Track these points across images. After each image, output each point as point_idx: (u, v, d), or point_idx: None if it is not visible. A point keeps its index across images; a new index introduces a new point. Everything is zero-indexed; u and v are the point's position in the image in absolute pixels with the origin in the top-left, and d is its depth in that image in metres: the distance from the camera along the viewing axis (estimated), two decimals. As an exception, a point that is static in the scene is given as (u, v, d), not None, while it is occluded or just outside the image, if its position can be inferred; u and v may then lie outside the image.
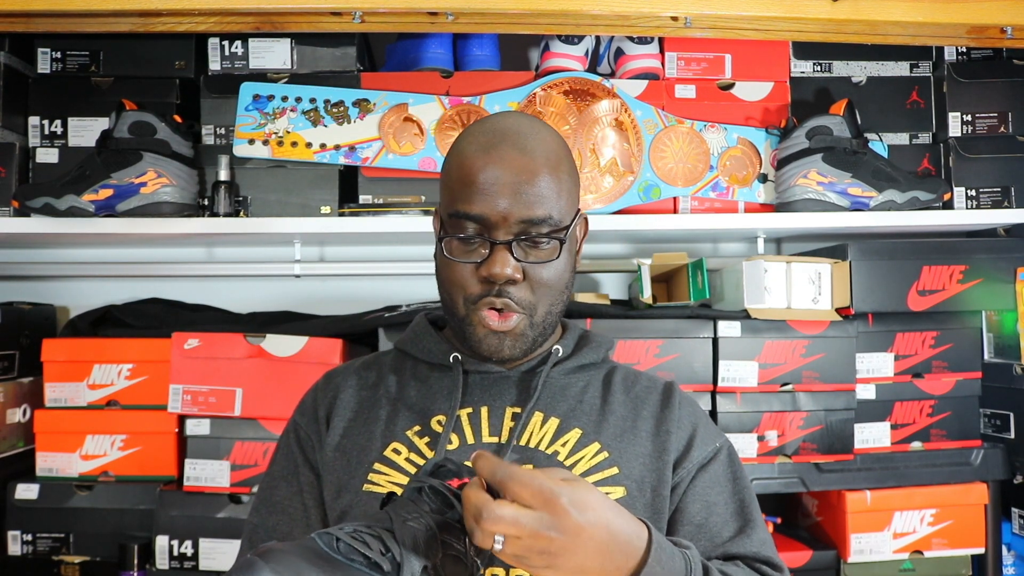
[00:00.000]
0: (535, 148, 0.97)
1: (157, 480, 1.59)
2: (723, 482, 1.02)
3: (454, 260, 0.96)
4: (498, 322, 0.96)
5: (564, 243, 0.97)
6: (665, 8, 1.42)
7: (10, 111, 1.64)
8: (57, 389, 1.60)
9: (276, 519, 0.99)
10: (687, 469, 1.01)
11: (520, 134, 0.97)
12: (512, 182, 0.94)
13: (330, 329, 1.62)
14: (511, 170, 0.94)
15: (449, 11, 1.40)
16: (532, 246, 0.96)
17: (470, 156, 0.97)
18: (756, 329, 1.56)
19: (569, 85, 1.67)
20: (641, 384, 1.07)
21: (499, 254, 0.94)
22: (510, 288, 0.95)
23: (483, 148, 0.96)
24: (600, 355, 1.08)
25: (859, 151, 1.62)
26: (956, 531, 1.60)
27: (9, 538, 1.57)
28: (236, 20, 1.44)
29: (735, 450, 1.07)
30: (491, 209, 0.94)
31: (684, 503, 1.00)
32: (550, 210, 0.95)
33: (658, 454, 1.00)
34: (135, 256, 1.91)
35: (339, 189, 1.65)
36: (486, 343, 0.97)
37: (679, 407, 1.05)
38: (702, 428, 1.05)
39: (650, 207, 1.68)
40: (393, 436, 0.99)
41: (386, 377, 1.06)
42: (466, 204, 0.95)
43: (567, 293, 1.01)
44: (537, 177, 0.95)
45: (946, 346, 1.62)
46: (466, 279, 0.96)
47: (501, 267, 0.93)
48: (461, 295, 0.97)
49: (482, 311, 0.96)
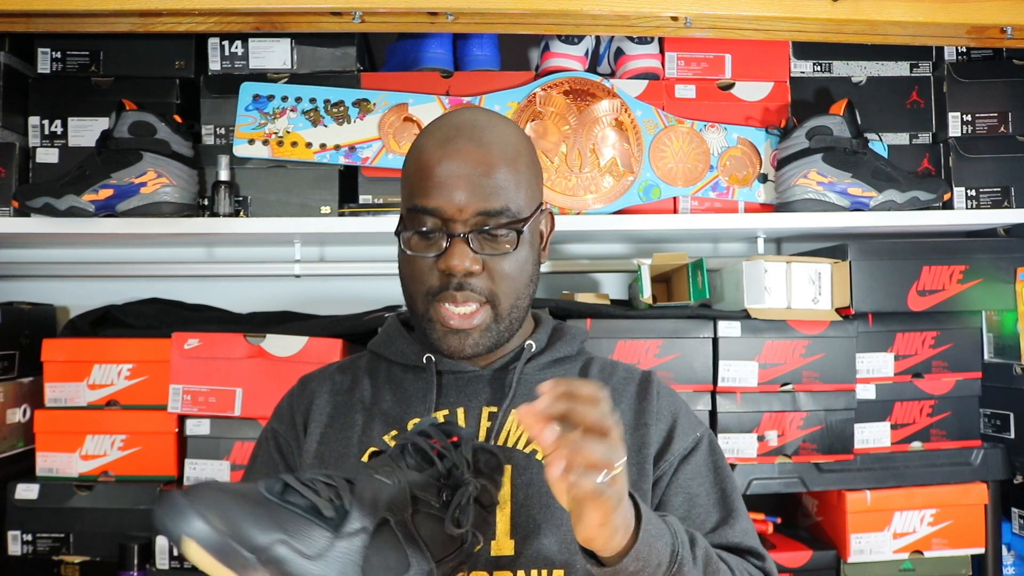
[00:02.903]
0: (492, 141, 0.97)
1: (157, 480, 1.59)
2: (704, 472, 1.02)
3: (413, 255, 0.96)
4: (458, 320, 0.95)
5: (522, 234, 0.96)
6: (665, 8, 1.42)
7: (10, 111, 1.64)
8: (57, 389, 1.60)
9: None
10: (669, 462, 1.00)
11: (477, 127, 0.98)
12: (468, 174, 0.94)
13: (330, 329, 1.62)
14: (467, 163, 0.95)
15: (449, 11, 1.40)
16: (490, 239, 0.95)
17: (427, 151, 0.97)
18: (756, 329, 1.56)
19: (569, 85, 1.67)
20: (618, 375, 1.06)
21: (457, 246, 0.94)
22: (470, 280, 0.94)
23: (439, 143, 0.97)
24: (575, 347, 1.07)
25: (859, 151, 1.62)
26: (956, 531, 1.59)
27: (9, 538, 1.56)
28: (236, 20, 1.43)
29: (715, 438, 1.07)
30: (447, 202, 0.94)
31: (667, 496, 0.99)
32: (507, 202, 0.95)
33: (637, 448, 1.00)
34: (135, 256, 1.91)
35: (339, 189, 1.65)
36: (446, 342, 0.96)
37: (657, 398, 1.04)
38: (682, 418, 1.04)
39: (650, 207, 1.68)
40: (371, 441, 0.98)
41: (361, 381, 1.05)
42: (423, 198, 0.95)
43: (532, 287, 1.01)
44: (493, 169, 0.95)
45: (946, 346, 1.62)
46: (425, 273, 0.96)
47: (459, 260, 0.93)
48: (421, 291, 0.96)
49: (441, 308, 0.95)
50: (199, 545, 0.66)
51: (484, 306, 0.96)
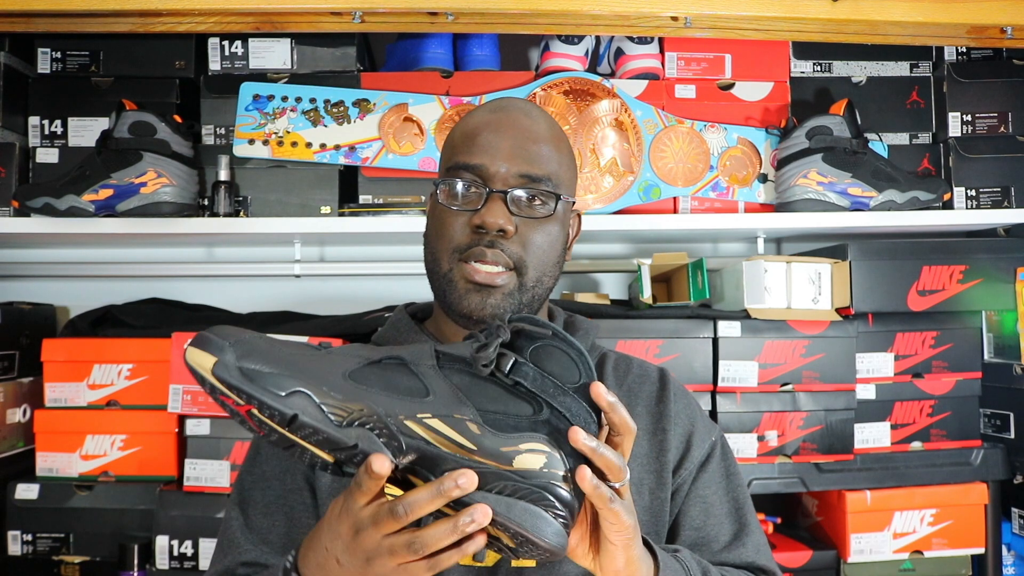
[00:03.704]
0: (540, 119, 0.98)
1: (157, 480, 1.59)
2: (718, 480, 1.02)
3: (447, 207, 0.94)
4: (484, 276, 0.92)
5: (559, 205, 0.95)
6: (665, 8, 1.42)
7: (10, 111, 1.64)
8: (57, 389, 1.60)
9: (271, 520, 0.97)
10: (688, 470, 1.00)
11: (527, 106, 0.99)
12: (515, 138, 0.94)
13: (330, 329, 1.62)
14: (516, 129, 0.95)
15: (449, 11, 1.40)
16: (528, 203, 0.94)
17: (475, 117, 0.98)
18: (756, 329, 1.56)
19: (569, 85, 1.67)
20: (633, 373, 1.05)
21: (495, 203, 0.92)
22: (502, 241, 0.92)
23: (489, 111, 0.98)
24: (588, 342, 1.06)
25: (859, 151, 1.62)
26: (956, 531, 1.60)
27: (9, 538, 1.56)
28: (236, 20, 1.43)
29: (726, 440, 1.06)
30: (491, 159, 0.93)
31: (685, 506, 0.99)
32: (550, 172, 0.95)
33: (656, 454, 0.99)
34: (135, 256, 1.91)
35: (339, 189, 1.65)
36: (467, 299, 0.93)
37: (674, 400, 1.03)
38: (699, 422, 1.04)
39: (650, 207, 1.68)
40: None
41: None
42: (466, 156, 0.94)
43: (557, 272, 0.99)
44: (540, 141, 0.96)
45: (946, 346, 1.62)
46: (456, 230, 0.93)
47: (495, 216, 0.91)
48: (449, 247, 0.94)
49: (467, 266, 0.92)
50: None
51: (511, 272, 0.93)
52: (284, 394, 0.66)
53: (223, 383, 0.66)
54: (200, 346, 0.67)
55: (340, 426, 0.67)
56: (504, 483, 0.69)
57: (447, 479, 0.67)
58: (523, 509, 0.69)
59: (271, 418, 0.67)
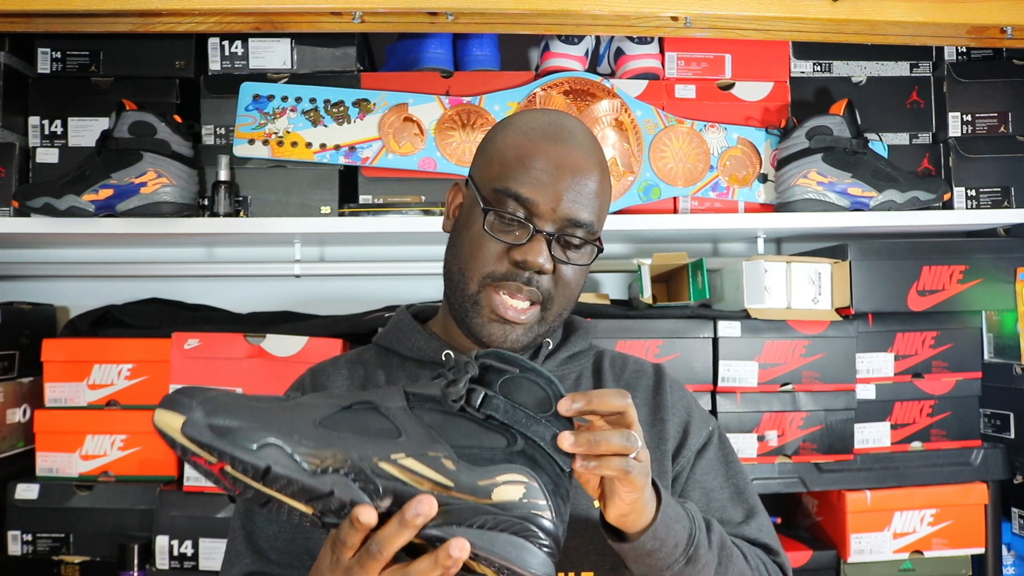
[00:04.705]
0: (593, 154, 0.98)
1: (157, 480, 1.59)
2: (717, 467, 1.03)
3: (491, 235, 0.93)
4: (513, 312, 0.93)
5: (596, 252, 0.97)
6: (665, 8, 1.42)
7: (10, 111, 1.64)
8: (57, 389, 1.60)
9: (275, 528, 0.97)
10: (686, 457, 1.01)
11: (583, 138, 0.98)
12: (571, 178, 0.94)
13: (330, 329, 1.62)
14: (573, 167, 0.94)
15: (449, 11, 1.40)
16: (567, 246, 0.95)
17: (534, 138, 0.96)
18: (756, 329, 1.56)
19: (569, 85, 1.67)
20: (629, 368, 1.07)
21: (539, 243, 0.92)
22: (540, 277, 0.94)
23: (548, 136, 0.96)
24: (587, 342, 1.08)
25: (859, 151, 1.62)
26: (956, 531, 1.59)
27: (9, 538, 1.56)
28: (236, 20, 1.43)
29: (724, 432, 1.08)
30: (544, 198, 0.93)
31: (685, 493, 1.00)
32: (594, 216, 0.96)
33: (655, 443, 1.00)
34: (135, 256, 1.91)
35: (339, 189, 1.65)
36: (488, 328, 0.94)
37: (670, 392, 1.05)
38: (695, 413, 1.05)
39: (650, 207, 1.68)
40: None
41: (374, 375, 1.03)
42: (518, 184, 0.93)
43: (575, 302, 1.01)
44: (594, 181, 0.96)
45: (946, 346, 1.62)
46: (492, 256, 0.94)
47: (537, 256, 0.92)
48: (482, 271, 0.94)
49: (496, 295, 0.93)
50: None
51: (536, 306, 0.95)
52: (256, 447, 0.66)
53: (194, 442, 0.65)
54: (168, 407, 0.66)
55: (314, 474, 0.67)
56: (485, 517, 0.69)
57: (407, 508, 0.67)
58: (506, 542, 0.69)
59: (244, 472, 0.66)
